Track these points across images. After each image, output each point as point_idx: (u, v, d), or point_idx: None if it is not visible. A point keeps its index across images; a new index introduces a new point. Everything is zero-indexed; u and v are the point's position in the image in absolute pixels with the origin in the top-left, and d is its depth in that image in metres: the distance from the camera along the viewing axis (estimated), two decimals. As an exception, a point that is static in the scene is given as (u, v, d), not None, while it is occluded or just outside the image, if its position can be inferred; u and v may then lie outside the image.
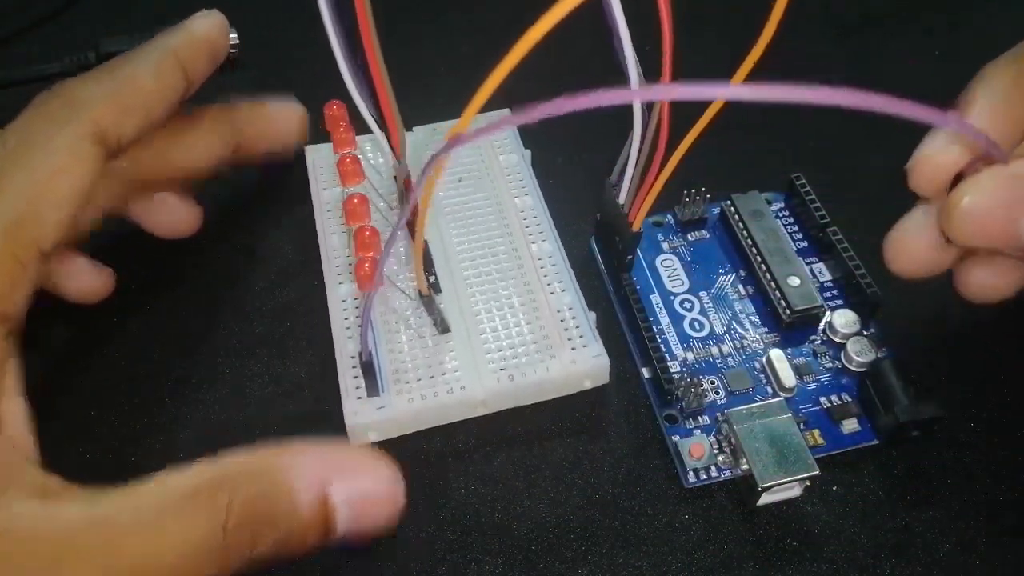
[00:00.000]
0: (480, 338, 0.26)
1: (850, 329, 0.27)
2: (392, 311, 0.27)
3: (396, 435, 0.26)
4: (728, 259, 0.29)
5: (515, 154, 0.32)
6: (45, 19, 0.39)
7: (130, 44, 0.33)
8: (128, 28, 0.32)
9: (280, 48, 0.37)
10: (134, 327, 0.29)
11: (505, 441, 0.26)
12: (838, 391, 0.26)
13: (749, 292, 0.28)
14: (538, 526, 0.24)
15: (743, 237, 0.29)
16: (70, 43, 0.32)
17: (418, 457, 0.25)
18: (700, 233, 0.30)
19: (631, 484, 0.25)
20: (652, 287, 0.28)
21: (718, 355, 0.27)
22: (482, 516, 0.24)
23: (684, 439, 0.25)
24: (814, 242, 0.29)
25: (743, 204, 0.29)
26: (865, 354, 0.26)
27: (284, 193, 0.32)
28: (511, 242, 0.29)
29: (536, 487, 0.25)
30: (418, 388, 0.25)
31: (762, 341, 0.27)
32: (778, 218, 0.30)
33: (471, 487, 0.25)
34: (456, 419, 0.26)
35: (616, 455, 0.25)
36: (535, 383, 0.26)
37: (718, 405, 0.26)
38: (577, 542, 0.24)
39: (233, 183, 0.31)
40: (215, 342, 0.28)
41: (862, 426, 0.25)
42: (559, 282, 0.28)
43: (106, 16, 0.39)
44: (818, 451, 0.24)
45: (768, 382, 0.26)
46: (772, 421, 0.24)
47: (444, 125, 0.32)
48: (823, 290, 0.28)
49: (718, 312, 0.28)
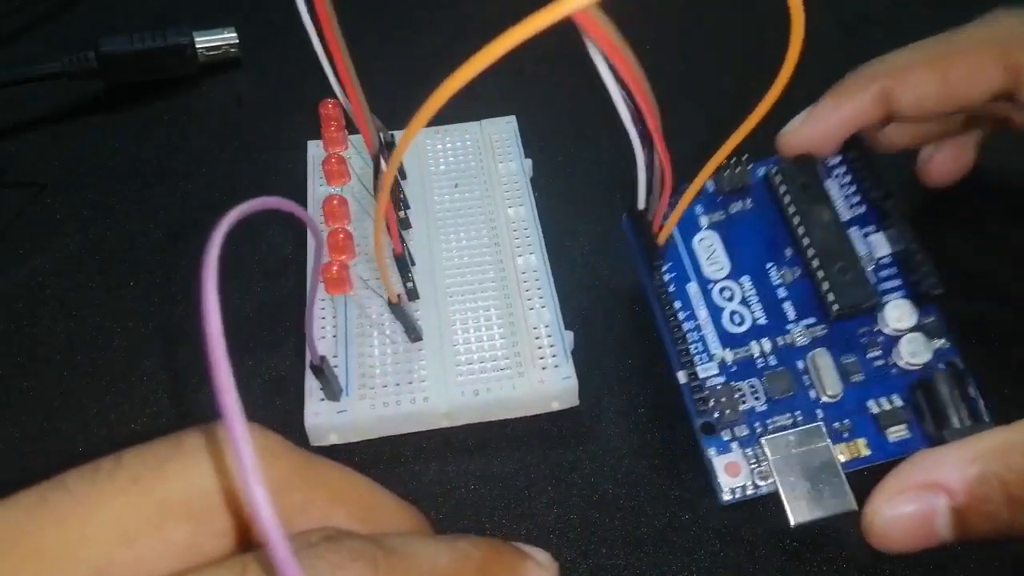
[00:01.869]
0: (452, 349, 0.26)
1: (904, 323, 0.24)
2: (366, 315, 0.27)
3: (359, 439, 0.26)
4: (774, 235, 0.27)
5: (515, 162, 0.30)
6: (45, 19, 0.38)
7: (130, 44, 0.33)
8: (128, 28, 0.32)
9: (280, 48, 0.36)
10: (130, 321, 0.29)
11: (505, 440, 0.26)
12: (887, 392, 0.24)
13: (796, 275, 0.26)
14: (538, 526, 0.25)
15: (789, 213, 0.26)
16: (70, 43, 0.32)
17: (418, 455, 0.26)
18: (743, 203, 0.27)
19: (631, 484, 0.25)
20: (689, 274, 0.27)
21: (759, 353, 0.25)
22: (482, 516, 0.25)
23: (720, 455, 0.24)
24: (873, 208, 0.26)
25: (791, 171, 0.26)
26: (919, 355, 0.24)
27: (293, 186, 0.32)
28: (498, 252, 0.28)
29: (536, 487, 0.25)
30: (382, 395, 0.26)
31: (808, 336, 0.25)
32: (835, 177, 0.27)
33: (471, 487, 0.25)
34: (420, 429, 0.26)
35: (617, 455, 0.26)
36: (500, 400, 0.25)
37: (757, 413, 0.25)
38: (577, 542, 0.24)
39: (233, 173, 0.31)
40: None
41: (912, 432, 0.24)
42: (540, 298, 0.27)
43: (106, 16, 0.38)
44: (860, 462, 0.23)
45: (811, 384, 0.25)
46: (809, 451, 0.23)
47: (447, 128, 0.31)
48: (879, 268, 0.26)
49: (761, 301, 0.26)
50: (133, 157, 0.34)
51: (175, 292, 0.30)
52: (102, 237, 0.31)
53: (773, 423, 0.24)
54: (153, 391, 0.28)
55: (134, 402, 0.28)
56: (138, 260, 0.30)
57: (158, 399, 0.28)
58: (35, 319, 0.29)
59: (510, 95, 0.33)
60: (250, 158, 0.33)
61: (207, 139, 0.34)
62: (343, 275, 0.26)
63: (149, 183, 0.33)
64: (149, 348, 0.29)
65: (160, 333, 0.29)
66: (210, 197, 0.32)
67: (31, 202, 0.32)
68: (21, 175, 0.33)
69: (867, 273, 0.25)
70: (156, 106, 0.35)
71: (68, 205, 0.32)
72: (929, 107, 0.24)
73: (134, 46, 0.33)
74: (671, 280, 0.26)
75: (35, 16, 0.38)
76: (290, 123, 0.33)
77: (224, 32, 0.36)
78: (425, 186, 0.31)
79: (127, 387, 0.28)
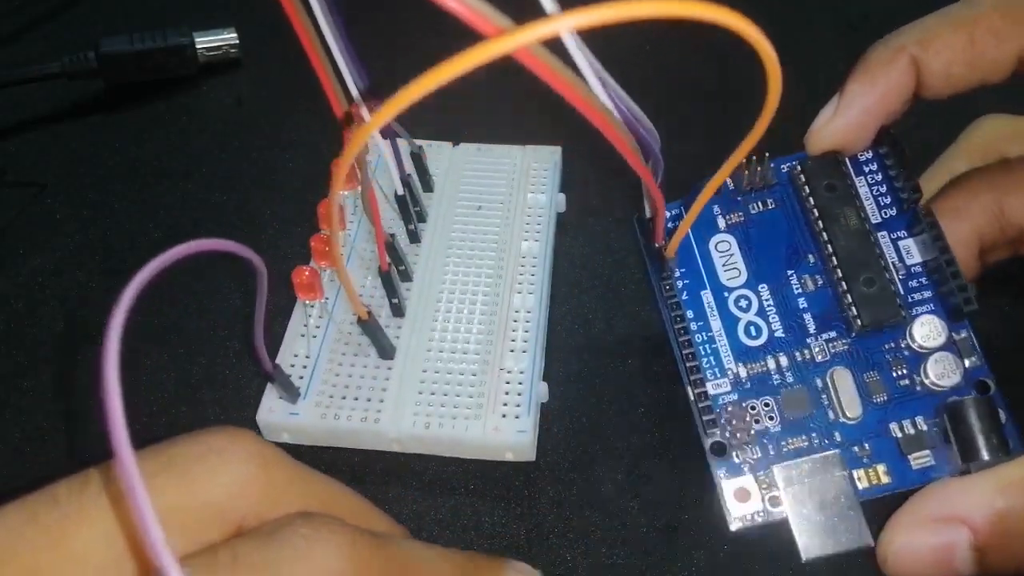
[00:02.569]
0: (420, 374, 0.25)
1: (933, 342, 0.23)
2: (349, 324, 0.26)
3: (311, 444, 0.26)
4: (797, 238, 0.25)
5: (545, 195, 0.29)
6: (45, 19, 0.38)
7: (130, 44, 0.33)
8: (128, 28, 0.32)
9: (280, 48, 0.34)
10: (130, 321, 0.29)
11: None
12: (911, 414, 0.23)
13: (818, 284, 0.24)
14: (538, 526, 0.24)
15: (813, 216, 0.24)
16: (70, 43, 0.32)
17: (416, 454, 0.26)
18: (764, 203, 0.26)
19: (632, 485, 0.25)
20: (703, 281, 0.25)
21: (775, 368, 0.24)
22: (482, 516, 0.25)
23: (730, 478, 0.23)
24: (905, 211, 0.24)
25: (817, 169, 0.24)
26: (947, 377, 0.22)
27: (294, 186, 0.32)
28: (497, 285, 0.27)
29: (535, 487, 0.25)
30: (335, 406, 0.25)
31: (827, 351, 0.24)
32: (864, 179, 0.25)
33: (471, 486, 0.25)
34: (372, 448, 0.25)
35: (617, 455, 0.25)
36: (450, 439, 0.24)
37: (771, 434, 0.23)
38: (577, 542, 0.24)
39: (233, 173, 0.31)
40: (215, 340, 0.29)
41: (936, 459, 0.22)
42: (524, 341, 0.26)
43: (106, 16, 0.38)
44: (879, 490, 0.22)
45: (830, 404, 0.23)
46: (824, 480, 0.21)
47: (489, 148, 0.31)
48: (910, 276, 0.24)
49: (779, 312, 0.24)
50: (133, 157, 0.33)
51: (175, 292, 0.30)
52: (102, 237, 0.31)
53: (788, 445, 0.23)
54: (153, 391, 0.28)
55: (134, 402, 0.27)
56: (138, 260, 0.30)
57: (158, 399, 0.28)
58: (35, 319, 0.29)
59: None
60: (250, 158, 0.33)
61: (207, 139, 0.34)
62: (313, 281, 0.25)
63: (149, 183, 0.32)
64: (149, 348, 0.28)
65: (160, 333, 0.29)
66: (210, 197, 0.32)
67: (31, 202, 0.32)
68: (21, 175, 0.33)
69: (896, 284, 0.23)
70: (156, 106, 0.35)
71: (68, 205, 0.32)
72: (958, 76, 0.23)
73: (134, 46, 0.33)
74: (683, 288, 0.25)
75: (35, 16, 0.38)
76: (290, 123, 0.33)
77: (224, 32, 0.35)
78: (448, 202, 0.30)
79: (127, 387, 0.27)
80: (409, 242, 0.28)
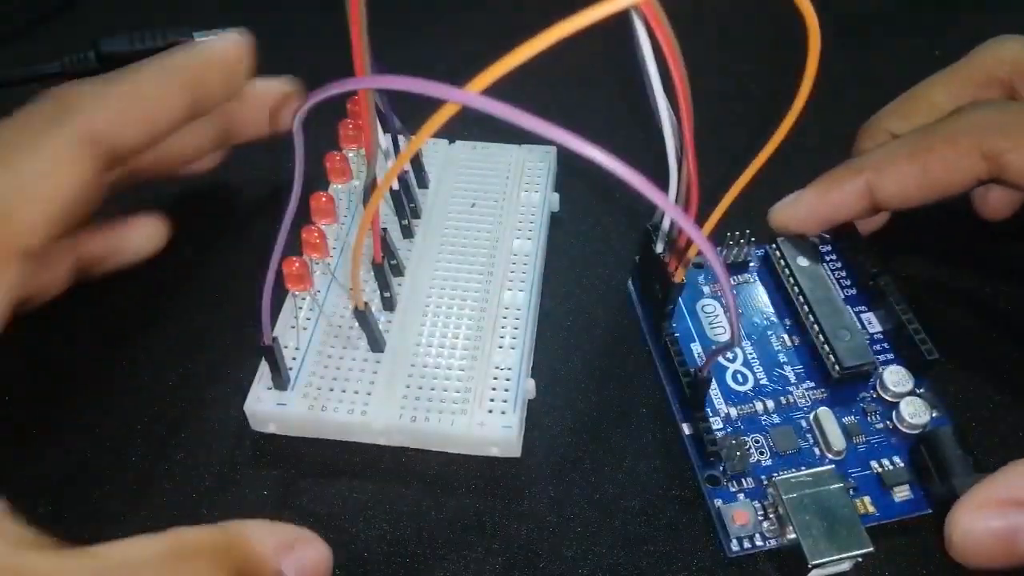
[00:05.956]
0: (408, 368, 0.26)
1: (902, 388, 0.25)
2: (341, 315, 0.27)
3: (299, 435, 0.25)
4: (773, 306, 0.28)
5: (539, 194, 0.30)
6: (45, 19, 0.38)
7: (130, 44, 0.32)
8: (128, 28, 0.31)
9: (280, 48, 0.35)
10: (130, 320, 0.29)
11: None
12: (889, 454, 0.25)
13: (795, 343, 0.27)
14: (538, 526, 0.24)
15: (789, 284, 0.28)
16: (70, 43, 0.32)
17: (418, 452, 0.25)
18: (744, 277, 0.29)
19: (632, 485, 0.25)
20: (692, 334, 0.27)
21: (762, 411, 0.26)
22: (483, 515, 0.24)
23: (728, 504, 0.23)
24: (864, 290, 0.28)
25: (789, 248, 0.28)
26: (919, 416, 0.25)
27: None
28: (487, 282, 0.28)
29: (535, 487, 0.25)
30: (322, 398, 0.25)
31: (808, 398, 0.26)
32: (826, 263, 0.28)
33: (471, 486, 0.25)
34: (359, 440, 0.25)
35: (617, 455, 0.25)
36: (436, 432, 0.25)
37: (763, 467, 0.24)
38: (577, 542, 0.23)
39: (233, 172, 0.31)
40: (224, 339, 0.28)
41: (914, 494, 0.24)
42: (513, 338, 0.26)
43: (106, 16, 0.39)
44: (868, 519, 0.23)
45: (815, 443, 0.25)
46: (823, 491, 0.22)
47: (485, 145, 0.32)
48: (873, 342, 0.27)
49: (762, 364, 0.27)
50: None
51: (175, 292, 0.29)
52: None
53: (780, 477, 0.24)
54: (153, 390, 0.27)
55: (135, 402, 0.27)
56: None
57: (158, 399, 0.27)
58: (35, 319, 0.27)
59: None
60: (250, 158, 0.32)
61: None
62: (303, 272, 0.25)
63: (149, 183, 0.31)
64: (149, 348, 0.28)
65: (161, 332, 0.28)
66: (210, 197, 0.32)
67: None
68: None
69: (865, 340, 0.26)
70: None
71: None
72: (912, 196, 0.26)
73: (134, 46, 0.32)
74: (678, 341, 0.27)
75: (35, 16, 0.38)
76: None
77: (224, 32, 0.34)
78: (443, 199, 0.30)
79: (127, 387, 0.27)
80: (403, 237, 0.29)
